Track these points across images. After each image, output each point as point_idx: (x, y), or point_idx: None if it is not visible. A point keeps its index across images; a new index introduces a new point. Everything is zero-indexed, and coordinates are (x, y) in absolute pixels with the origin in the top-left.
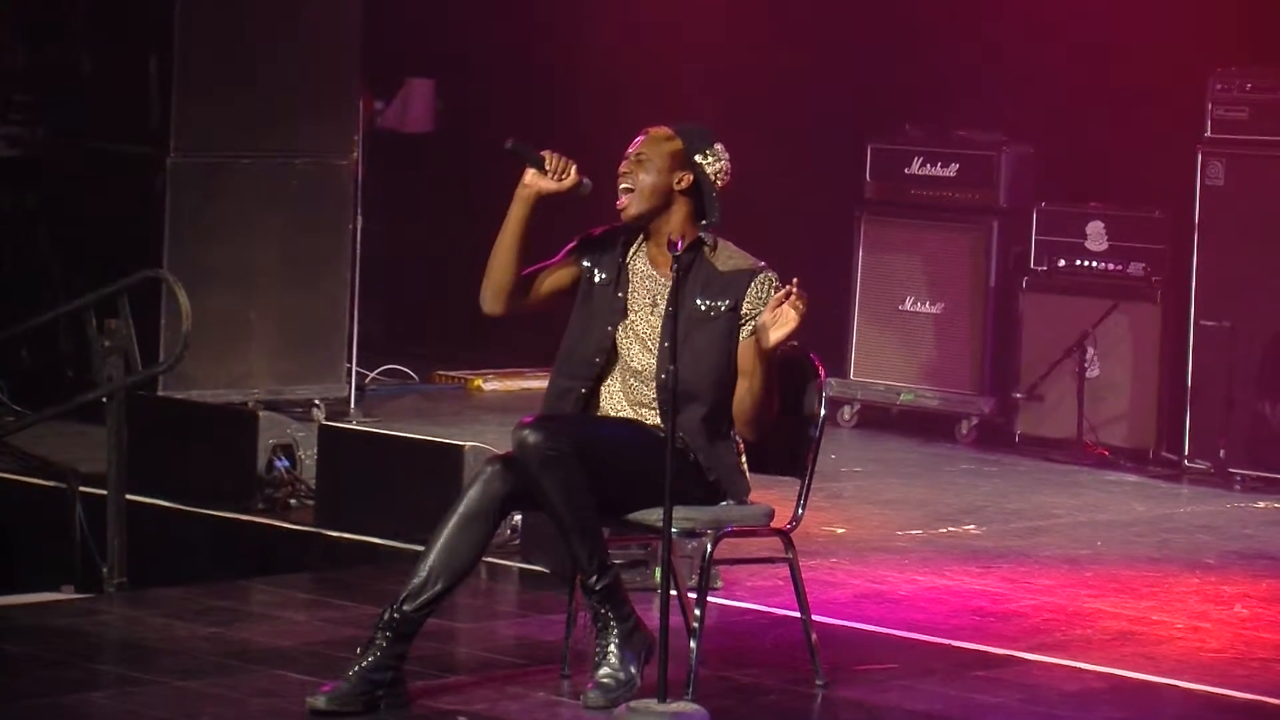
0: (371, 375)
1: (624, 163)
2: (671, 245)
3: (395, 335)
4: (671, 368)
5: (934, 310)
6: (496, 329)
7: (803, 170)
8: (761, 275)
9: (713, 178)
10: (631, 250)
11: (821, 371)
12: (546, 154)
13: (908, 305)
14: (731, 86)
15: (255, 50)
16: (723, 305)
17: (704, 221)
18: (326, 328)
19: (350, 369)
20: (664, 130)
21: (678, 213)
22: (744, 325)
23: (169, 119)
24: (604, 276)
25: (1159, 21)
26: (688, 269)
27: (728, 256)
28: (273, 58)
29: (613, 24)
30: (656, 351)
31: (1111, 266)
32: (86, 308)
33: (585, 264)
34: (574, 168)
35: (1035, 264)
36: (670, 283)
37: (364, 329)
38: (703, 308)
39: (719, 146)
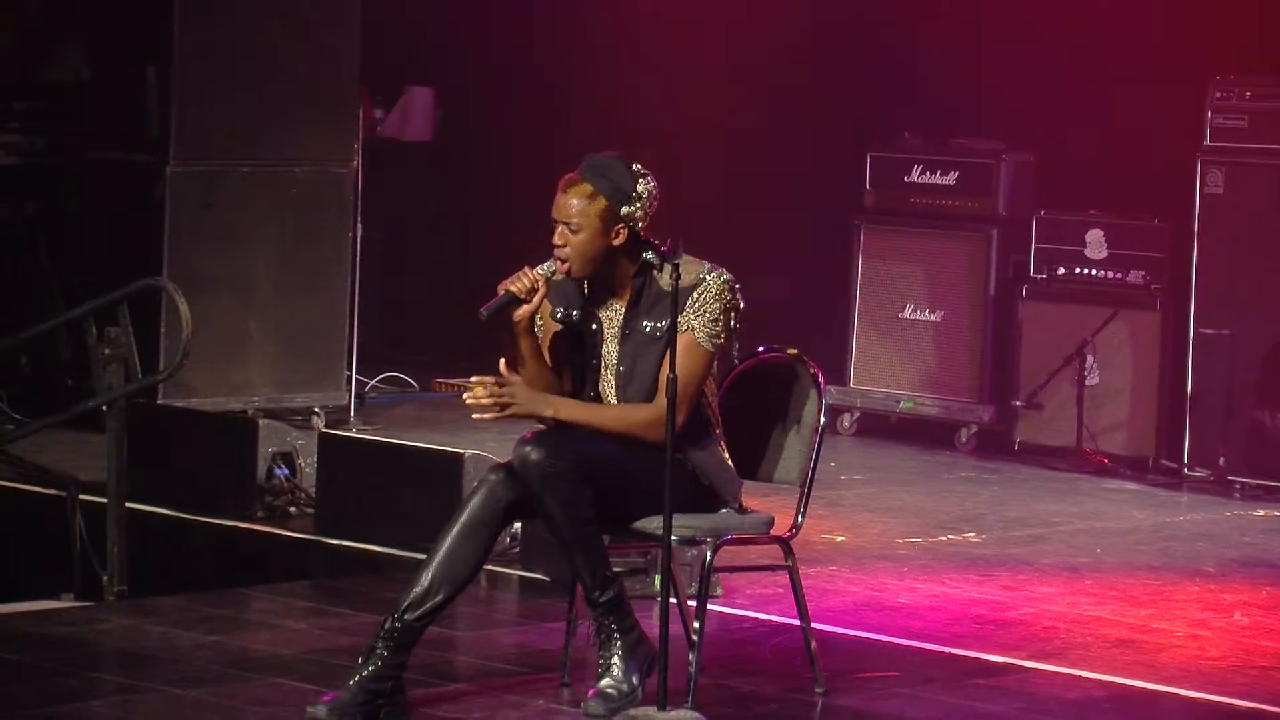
0: (371, 383)
1: (555, 233)
2: (671, 252)
3: (395, 343)
4: (672, 375)
5: (934, 318)
6: (498, 338)
7: (802, 178)
8: (701, 286)
9: (643, 221)
10: (587, 288)
11: (821, 379)
12: (509, 288)
13: (907, 313)
14: (731, 95)
15: (255, 58)
16: (663, 325)
17: (646, 244)
18: (326, 336)
19: (350, 377)
20: (583, 188)
21: (623, 260)
22: (681, 333)
23: (168, 127)
24: (577, 314)
25: (1158, 30)
26: (638, 293)
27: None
28: (272, 66)
29: (612, 33)
30: (614, 378)
31: (1111, 275)
32: (86, 316)
33: (559, 312)
34: (532, 272)
35: (1035, 272)
36: (624, 308)
37: (364, 337)
38: (646, 329)
39: (639, 183)
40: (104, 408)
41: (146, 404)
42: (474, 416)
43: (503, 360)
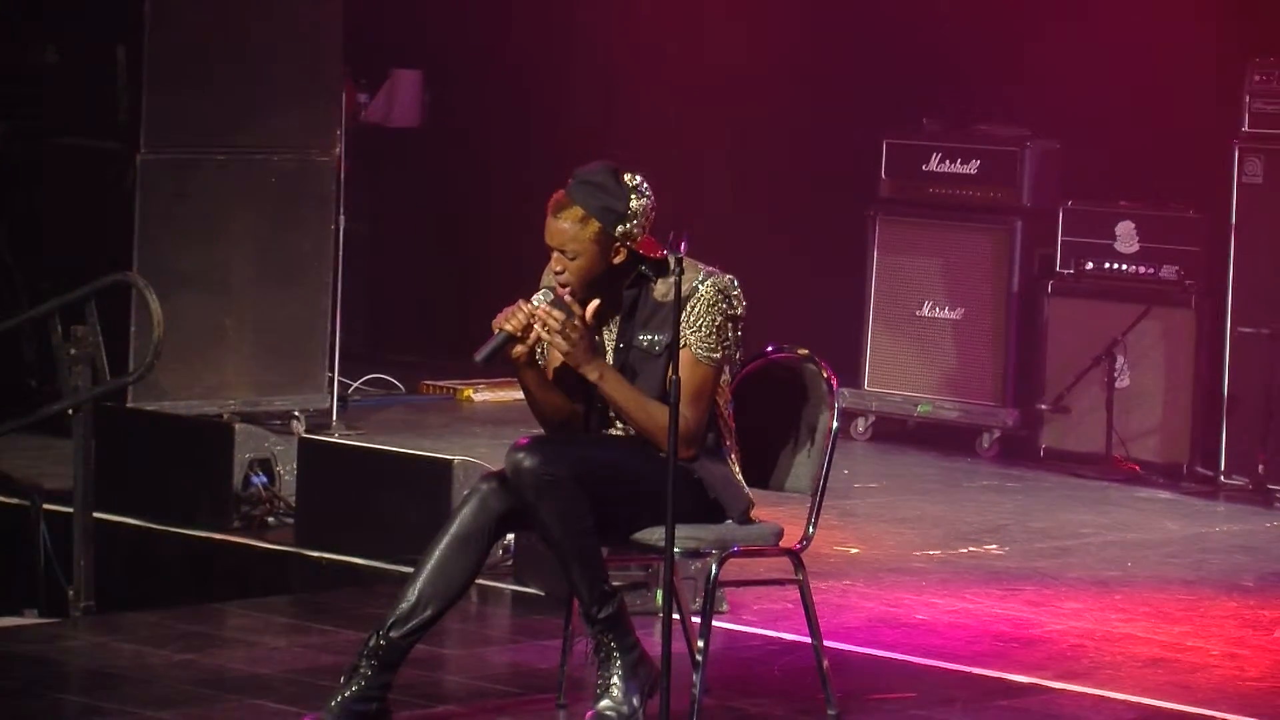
0: (355, 385)
1: (555, 259)
2: (675, 247)
3: (380, 342)
4: (675, 377)
5: (953, 316)
6: (490, 337)
7: (815, 167)
8: (695, 297)
9: (640, 236)
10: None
11: (834, 381)
12: (504, 326)
13: (925, 311)
14: (739, 79)
15: (230, 40)
16: (659, 338)
17: (643, 259)
18: (307, 334)
19: (332, 378)
20: (574, 211)
21: (621, 275)
22: (682, 348)
23: (139, 112)
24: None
25: (1193, 9)
26: (632, 306)
27: (671, 282)
28: (249, 47)
29: (609, 11)
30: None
31: (1143, 270)
32: (51, 314)
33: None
34: (528, 305)
35: (1061, 267)
36: (621, 317)
37: (346, 336)
38: (644, 344)
39: (633, 199)
40: (70, 411)
41: (115, 407)
42: (537, 328)
43: (595, 303)
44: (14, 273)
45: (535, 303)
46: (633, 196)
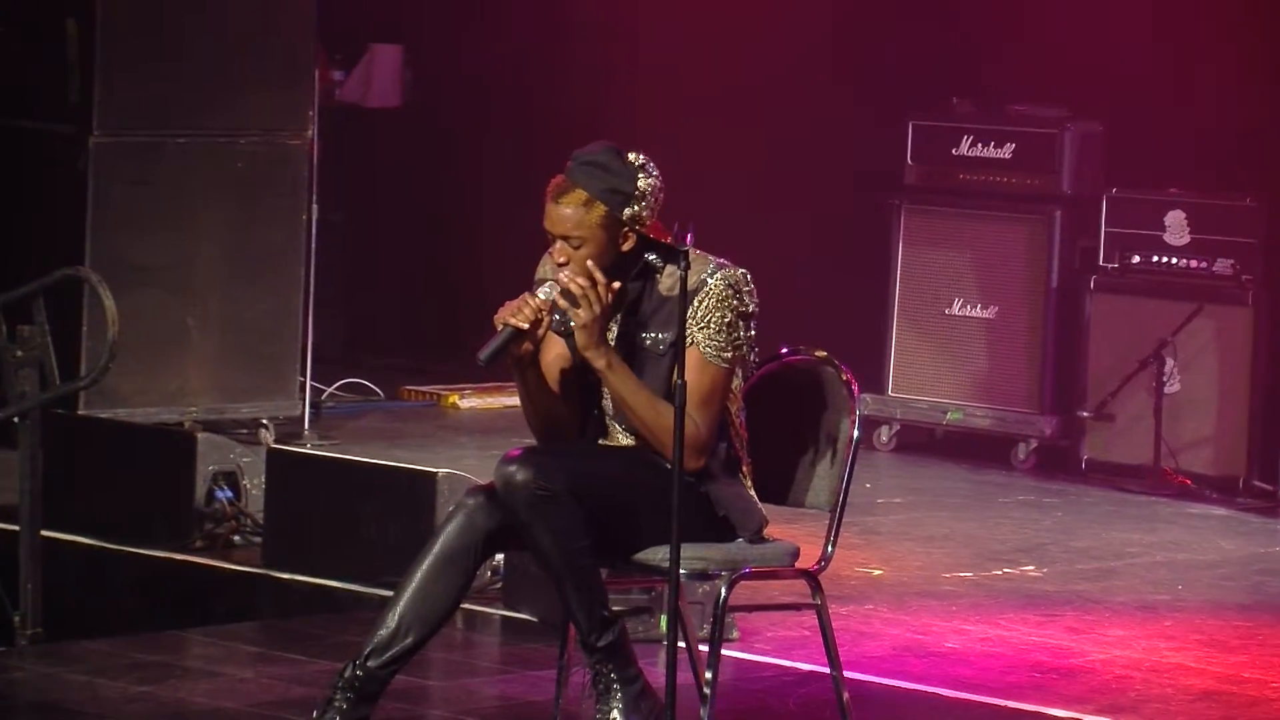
0: (329, 390)
1: (557, 249)
2: (680, 239)
3: (357, 344)
4: (680, 381)
5: (986, 315)
6: (475, 338)
7: (833, 152)
8: (703, 291)
9: (649, 220)
10: None
11: (855, 386)
12: (510, 321)
13: (955, 309)
14: (747, 52)
15: (193, 12)
16: (665, 336)
17: (652, 245)
18: (276, 335)
19: (304, 383)
20: (577, 194)
21: (632, 262)
22: (687, 347)
23: (92, 92)
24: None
25: None
26: (636, 300)
27: (675, 275)
28: (214, 20)
29: None
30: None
31: (1194, 263)
32: None
33: (556, 320)
34: (534, 300)
35: (1105, 261)
36: (623, 313)
37: (320, 337)
38: (648, 342)
39: (640, 178)
40: (15, 419)
41: (66, 415)
42: (556, 295)
43: (618, 284)
44: None
45: (542, 297)
46: (639, 176)
